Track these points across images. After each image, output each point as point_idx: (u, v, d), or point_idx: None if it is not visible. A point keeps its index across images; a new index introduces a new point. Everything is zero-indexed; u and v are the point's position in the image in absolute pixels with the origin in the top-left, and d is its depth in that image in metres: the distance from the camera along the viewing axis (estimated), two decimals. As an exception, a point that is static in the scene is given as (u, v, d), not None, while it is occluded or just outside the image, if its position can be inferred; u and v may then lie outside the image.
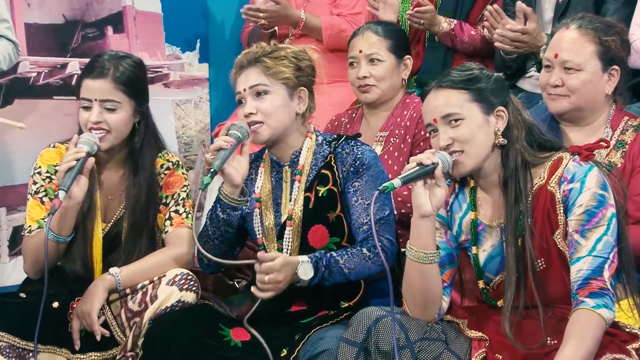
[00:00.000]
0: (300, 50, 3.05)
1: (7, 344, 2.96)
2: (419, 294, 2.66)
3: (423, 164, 2.58)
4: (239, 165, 2.90)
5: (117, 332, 3.03)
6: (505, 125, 2.68)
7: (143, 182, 3.16)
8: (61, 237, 3.04)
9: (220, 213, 2.95)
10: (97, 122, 3.06)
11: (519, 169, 2.66)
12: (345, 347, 2.61)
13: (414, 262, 2.64)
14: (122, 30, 4.42)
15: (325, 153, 3.03)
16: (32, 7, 4.22)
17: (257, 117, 2.95)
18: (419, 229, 2.62)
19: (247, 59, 3.00)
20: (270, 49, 3.01)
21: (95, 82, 3.08)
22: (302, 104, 3.02)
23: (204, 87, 4.66)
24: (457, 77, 2.70)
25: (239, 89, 3.00)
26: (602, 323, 2.51)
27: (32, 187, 3.18)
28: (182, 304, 2.97)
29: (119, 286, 3.03)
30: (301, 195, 2.99)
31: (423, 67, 4.21)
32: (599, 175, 2.62)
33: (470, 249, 2.77)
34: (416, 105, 3.61)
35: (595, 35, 3.10)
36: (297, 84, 3.00)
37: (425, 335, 2.61)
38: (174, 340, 2.83)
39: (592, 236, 2.57)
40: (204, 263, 3.09)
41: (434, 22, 4.06)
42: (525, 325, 2.66)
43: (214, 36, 4.69)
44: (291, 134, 3.02)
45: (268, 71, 2.96)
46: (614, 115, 3.16)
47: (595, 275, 2.54)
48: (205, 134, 4.66)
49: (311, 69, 3.05)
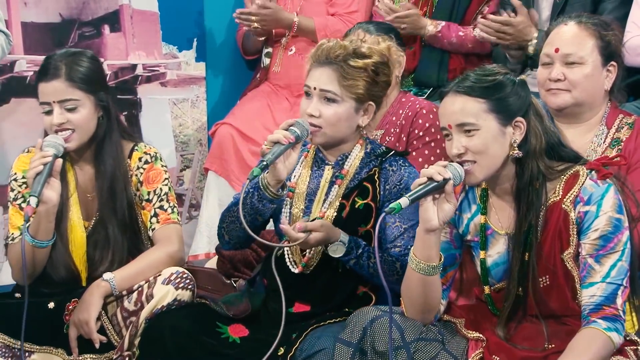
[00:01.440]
0: (383, 62, 2.92)
1: (2, 344, 2.96)
2: (418, 301, 2.65)
3: (434, 180, 2.53)
4: (289, 161, 2.81)
5: (113, 336, 3.02)
6: (522, 136, 2.60)
7: (107, 173, 3.11)
8: (43, 242, 3.02)
9: (257, 202, 2.86)
10: (61, 124, 3.03)
11: (534, 181, 2.59)
12: (341, 347, 2.60)
13: (416, 272, 2.62)
14: (118, 29, 4.41)
15: (371, 165, 2.96)
16: (29, 6, 4.22)
17: (317, 122, 2.87)
18: (423, 242, 2.59)
19: (327, 56, 2.88)
20: (353, 50, 2.87)
21: (49, 85, 3.04)
22: (366, 117, 2.94)
23: (201, 85, 4.65)
24: (477, 83, 2.60)
25: (309, 82, 2.90)
26: (611, 346, 2.49)
27: (10, 194, 3.16)
28: (178, 303, 2.97)
29: (114, 291, 3.02)
30: (337, 200, 2.94)
31: (420, 66, 4.21)
32: (615, 196, 2.57)
33: (478, 252, 2.73)
34: (412, 104, 3.60)
35: (596, 30, 3.10)
36: (367, 99, 2.91)
37: (421, 335, 2.60)
38: (171, 339, 2.83)
39: (607, 262, 2.54)
40: (224, 239, 3.02)
41: (417, 25, 4.06)
42: (524, 328, 2.65)
43: (211, 35, 4.68)
44: (346, 141, 2.96)
45: (344, 81, 2.86)
46: (609, 113, 3.16)
47: (608, 303, 2.52)
48: (202, 133, 4.66)
49: (386, 84, 2.95)
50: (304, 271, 2.96)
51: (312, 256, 2.95)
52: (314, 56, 2.92)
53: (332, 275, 2.95)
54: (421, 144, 3.54)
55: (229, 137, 4.29)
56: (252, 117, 4.34)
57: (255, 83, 4.53)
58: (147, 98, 4.50)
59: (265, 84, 4.51)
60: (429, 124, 3.55)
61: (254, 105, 4.39)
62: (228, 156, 4.29)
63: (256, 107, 4.38)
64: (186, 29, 4.59)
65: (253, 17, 4.28)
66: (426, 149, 3.53)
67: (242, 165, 4.26)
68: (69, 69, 3.05)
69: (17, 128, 4.15)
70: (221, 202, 4.24)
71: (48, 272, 3.11)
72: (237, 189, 4.19)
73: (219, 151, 4.31)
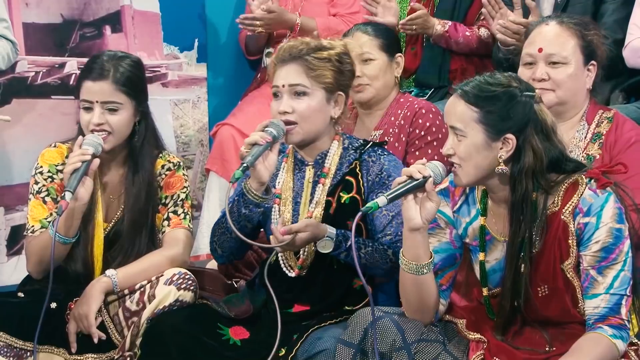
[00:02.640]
0: (344, 52, 2.98)
1: (4, 343, 2.96)
2: (414, 301, 2.65)
3: (414, 178, 2.53)
4: (268, 162, 2.84)
5: (115, 335, 3.03)
6: (510, 153, 2.54)
7: (142, 181, 3.15)
8: (68, 238, 3.04)
9: (243, 208, 2.90)
10: (99, 124, 3.06)
11: (529, 197, 2.55)
12: (342, 348, 2.61)
13: (407, 273, 2.61)
14: (120, 29, 4.41)
15: (351, 159, 2.99)
16: (30, 7, 4.22)
17: (291, 117, 2.91)
18: (409, 241, 2.59)
19: (291, 53, 2.93)
20: (315, 46, 2.94)
21: (95, 84, 3.07)
22: (337, 109, 2.98)
23: (202, 86, 4.66)
24: (475, 91, 2.57)
25: (277, 82, 2.94)
26: (615, 353, 2.48)
27: (33, 187, 3.17)
28: (180, 304, 2.98)
29: (115, 288, 3.03)
30: (323, 199, 2.97)
31: (421, 67, 4.21)
32: (615, 206, 2.54)
33: (476, 255, 2.72)
34: (410, 105, 3.61)
35: (577, 29, 3.09)
36: (336, 88, 2.96)
37: (422, 336, 2.60)
38: (173, 339, 2.83)
39: (610, 273, 2.53)
40: (217, 253, 3.05)
41: (427, 25, 4.06)
42: (525, 332, 2.65)
43: (212, 36, 4.68)
44: (322, 137, 2.99)
45: (311, 72, 2.91)
46: (589, 109, 3.16)
47: (613, 313, 2.51)
48: (203, 134, 4.66)
49: (352, 73, 3.01)
50: (301, 273, 2.98)
51: (305, 257, 2.97)
52: (277, 57, 2.97)
53: (328, 273, 2.96)
54: (423, 144, 3.54)
55: (230, 138, 4.29)
56: (253, 118, 4.33)
57: (256, 83, 4.54)
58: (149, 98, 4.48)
59: (266, 85, 4.50)
60: (429, 123, 3.55)
61: (255, 106, 4.40)
62: (229, 157, 4.29)
63: (257, 107, 4.38)
64: (187, 29, 4.60)
65: (257, 22, 4.28)
66: (429, 148, 3.54)
67: (244, 165, 4.26)
68: (116, 72, 3.08)
69: (18, 129, 4.15)
70: (222, 203, 4.23)
71: (64, 265, 3.12)
72: (238, 189, 4.19)
73: (220, 152, 4.31)
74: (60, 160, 3.16)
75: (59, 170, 3.14)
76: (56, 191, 3.14)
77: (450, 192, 2.75)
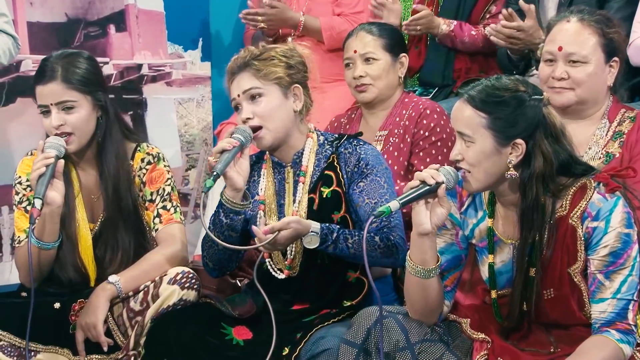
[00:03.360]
0: (288, 48, 3.04)
1: (8, 343, 2.97)
2: (419, 303, 2.64)
3: (426, 183, 2.51)
4: (240, 168, 2.88)
5: (119, 337, 3.03)
6: (520, 158, 2.52)
7: (111, 173, 3.12)
8: (49, 244, 3.03)
9: (224, 218, 2.93)
10: (59, 126, 3.04)
11: (539, 200, 2.54)
12: (345, 348, 2.61)
13: (413, 276, 2.61)
14: (124, 28, 4.41)
15: (327, 153, 3.01)
16: (35, 6, 4.22)
17: (255, 122, 2.93)
18: (418, 245, 2.57)
19: (237, 64, 2.99)
20: (259, 52, 2.99)
21: (46, 87, 3.05)
22: (298, 101, 3.00)
23: (206, 85, 4.66)
24: (483, 96, 2.53)
25: (233, 95, 2.99)
26: (621, 357, 2.48)
27: (15, 197, 3.17)
28: (184, 303, 2.98)
29: (120, 294, 3.03)
30: (305, 196, 2.98)
31: (426, 66, 4.20)
32: (623, 211, 2.53)
33: (483, 257, 2.71)
34: (415, 105, 3.60)
35: (598, 27, 3.08)
36: (290, 82, 2.98)
37: (426, 336, 2.60)
38: (176, 339, 2.83)
39: (617, 278, 2.51)
40: (209, 267, 3.06)
41: (431, 25, 4.05)
42: (530, 333, 2.64)
43: (216, 34, 4.68)
44: (292, 134, 3.00)
45: (259, 73, 2.95)
46: (611, 107, 3.15)
47: (620, 318, 2.50)
48: (207, 133, 4.66)
49: (302, 65, 3.03)
50: (291, 274, 2.98)
51: (293, 257, 2.98)
52: (227, 74, 3.02)
53: (320, 269, 2.96)
54: (427, 144, 3.54)
55: (234, 137, 4.29)
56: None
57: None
58: (153, 98, 4.50)
59: (270, 84, 4.51)
60: (434, 124, 3.55)
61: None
62: (233, 156, 4.28)
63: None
64: (192, 28, 4.60)
65: (259, 17, 4.28)
66: (433, 149, 3.53)
67: (247, 164, 4.25)
68: (65, 71, 3.05)
69: (23, 127, 4.15)
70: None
71: (57, 273, 3.11)
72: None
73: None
74: None
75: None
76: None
77: (457, 194, 2.73)
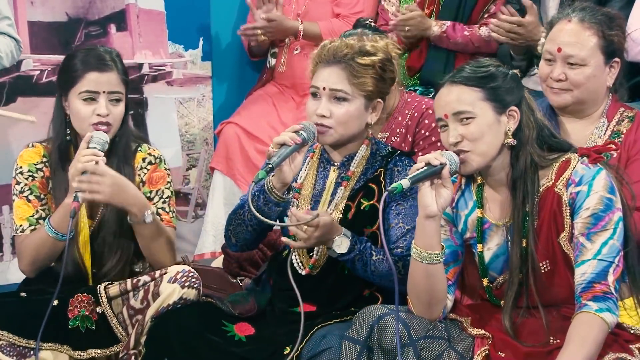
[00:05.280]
0: (387, 58, 2.92)
1: (7, 342, 2.97)
2: (424, 293, 2.66)
3: (431, 164, 2.57)
4: (294, 165, 2.81)
5: (118, 329, 3.03)
6: (516, 125, 2.65)
7: (126, 174, 3.11)
8: (65, 235, 3.03)
9: (263, 204, 2.85)
10: (106, 115, 3.07)
11: (528, 170, 2.64)
12: (348, 345, 2.61)
13: (419, 262, 2.63)
14: (125, 28, 4.42)
15: (376, 166, 2.96)
16: (36, 5, 4.22)
17: (327, 122, 2.87)
18: (424, 229, 2.61)
19: (335, 56, 2.88)
20: (359, 48, 2.87)
21: (103, 75, 3.10)
22: (374, 115, 2.94)
23: (207, 85, 4.66)
24: (472, 73, 2.66)
25: (317, 83, 2.90)
26: (605, 327, 2.50)
27: (16, 187, 3.18)
28: (184, 301, 2.98)
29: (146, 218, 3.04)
30: (343, 202, 2.94)
31: (426, 66, 4.20)
32: (607, 178, 2.61)
33: (476, 247, 2.75)
34: (417, 104, 3.60)
35: (599, 28, 3.08)
36: (375, 96, 2.91)
37: (428, 333, 2.61)
38: (177, 337, 2.83)
39: (598, 240, 2.57)
40: (231, 242, 3.01)
41: (422, 26, 4.06)
42: (528, 324, 2.66)
43: (217, 34, 4.68)
44: (354, 140, 2.96)
45: (353, 79, 2.85)
46: (610, 106, 3.16)
47: (599, 279, 2.53)
48: (208, 132, 4.66)
49: (392, 80, 2.96)
50: (311, 272, 2.96)
51: (318, 257, 2.95)
52: (319, 56, 2.92)
53: (338, 278, 2.95)
54: (427, 144, 3.54)
55: (235, 137, 4.29)
56: (258, 117, 4.34)
57: (261, 83, 4.54)
58: (153, 97, 4.51)
59: (271, 84, 4.51)
60: (434, 124, 3.54)
61: (259, 105, 4.40)
62: (234, 155, 4.29)
63: (262, 106, 4.39)
64: (192, 28, 4.60)
65: (259, 31, 4.29)
66: (432, 149, 3.53)
67: (248, 164, 4.26)
68: (119, 64, 3.15)
69: (23, 127, 4.15)
70: (227, 202, 4.24)
71: (55, 269, 3.12)
72: (242, 188, 4.19)
73: (225, 150, 4.32)
74: (39, 159, 3.18)
75: (38, 168, 3.16)
76: (39, 189, 3.16)
77: None
